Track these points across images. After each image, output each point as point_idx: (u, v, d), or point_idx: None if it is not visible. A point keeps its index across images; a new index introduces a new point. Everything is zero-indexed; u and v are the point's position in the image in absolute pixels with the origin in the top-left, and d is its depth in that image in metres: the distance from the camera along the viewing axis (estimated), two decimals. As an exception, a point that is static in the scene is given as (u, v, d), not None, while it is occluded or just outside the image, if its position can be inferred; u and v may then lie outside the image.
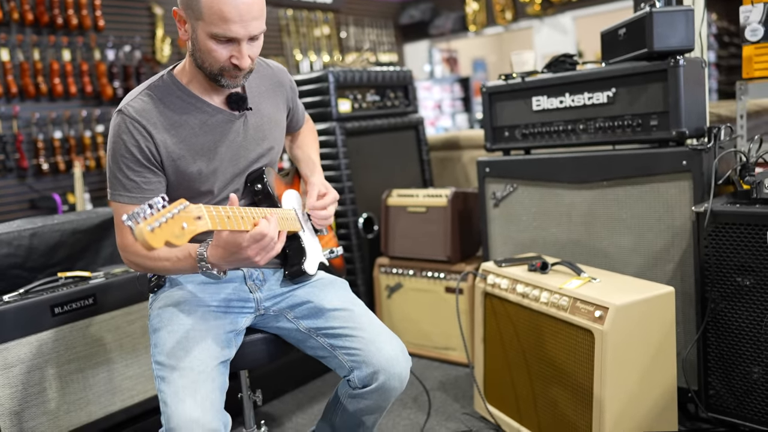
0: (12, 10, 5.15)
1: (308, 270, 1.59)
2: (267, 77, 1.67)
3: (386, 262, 2.93)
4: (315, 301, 1.57)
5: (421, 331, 2.86)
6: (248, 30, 1.35)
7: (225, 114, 1.53)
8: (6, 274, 2.13)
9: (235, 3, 1.32)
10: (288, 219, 1.54)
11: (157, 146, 1.43)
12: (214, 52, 1.37)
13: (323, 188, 1.69)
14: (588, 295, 1.79)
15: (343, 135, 2.90)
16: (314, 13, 7.76)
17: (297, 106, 1.82)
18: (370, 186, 3.05)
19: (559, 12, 7.49)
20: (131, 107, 1.43)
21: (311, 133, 1.95)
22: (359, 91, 3.08)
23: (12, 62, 5.20)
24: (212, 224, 1.16)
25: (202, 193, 1.53)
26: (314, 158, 1.84)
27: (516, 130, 2.43)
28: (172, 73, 1.52)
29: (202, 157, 1.49)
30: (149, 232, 0.99)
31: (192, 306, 1.47)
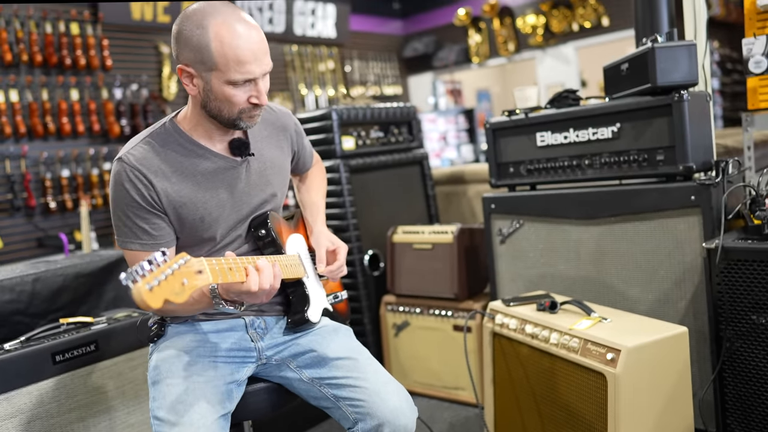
0: (21, 52, 5.24)
1: (312, 318, 1.56)
2: (270, 122, 1.66)
3: (393, 300, 2.89)
4: (318, 350, 1.53)
5: (429, 370, 2.81)
6: (263, 67, 1.38)
7: (227, 160, 1.52)
8: (8, 321, 2.11)
9: (249, 45, 1.34)
10: (291, 266, 1.52)
11: (159, 194, 1.42)
12: (234, 98, 1.38)
13: (330, 243, 1.66)
14: (599, 336, 1.74)
15: (347, 172, 2.89)
16: (319, 48, 7.85)
17: (303, 148, 1.81)
18: (376, 223, 3.03)
19: (561, 42, 7.55)
20: (131, 155, 1.42)
21: (319, 174, 1.94)
22: (363, 127, 3.08)
23: (21, 103, 5.27)
24: (213, 278, 1.14)
25: (205, 240, 1.51)
26: (319, 203, 1.82)
27: (521, 166, 2.41)
28: (174, 121, 1.51)
29: (204, 205, 1.47)
30: (148, 291, 0.97)
31: (192, 357, 1.44)
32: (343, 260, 1.64)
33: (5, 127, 5.14)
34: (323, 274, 1.67)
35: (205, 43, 1.33)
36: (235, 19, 1.35)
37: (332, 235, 1.72)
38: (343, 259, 1.64)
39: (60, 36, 5.45)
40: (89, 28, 5.63)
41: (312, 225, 1.76)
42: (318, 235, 1.70)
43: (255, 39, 1.35)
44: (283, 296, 1.62)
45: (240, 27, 1.34)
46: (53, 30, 5.40)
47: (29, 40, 5.29)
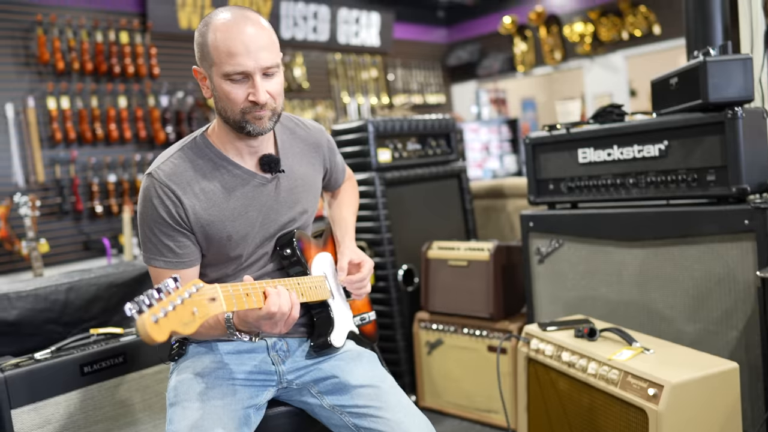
0: (73, 60, 5.38)
1: (335, 342, 1.51)
2: (302, 138, 1.62)
3: (426, 317, 2.82)
4: (340, 376, 1.48)
5: (462, 391, 2.72)
6: (258, 61, 1.33)
7: (257, 177, 1.48)
8: (42, 330, 2.12)
9: (241, 37, 1.32)
10: (316, 287, 1.47)
11: (186, 212, 1.39)
12: (231, 94, 1.35)
13: (356, 257, 1.62)
14: (640, 369, 1.64)
15: (382, 185, 2.84)
16: (362, 56, 7.85)
17: (336, 165, 1.77)
18: (411, 237, 2.97)
19: (609, 51, 7.34)
20: (161, 171, 1.40)
21: (351, 190, 1.89)
22: (400, 139, 3.02)
23: (72, 109, 5.41)
24: (227, 305, 1.10)
25: (232, 258, 1.48)
26: (349, 220, 1.77)
27: (561, 183, 2.32)
28: (204, 135, 1.49)
29: (232, 223, 1.44)
30: (153, 323, 0.92)
31: (211, 379, 1.41)
32: (366, 275, 1.59)
33: (56, 132, 5.28)
34: (349, 293, 1.62)
35: (205, 39, 1.35)
36: (238, 16, 1.35)
37: (360, 251, 1.68)
38: (366, 273, 1.59)
39: (110, 45, 5.58)
40: (138, 37, 5.76)
41: (340, 241, 1.71)
42: (347, 248, 1.67)
43: (250, 33, 1.33)
44: (308, 318, 1.57)
45: (238, 22, 1.33)
46: (104, 39, 5.54)
47: (81, 49, 5.43)
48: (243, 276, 1.48)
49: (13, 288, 2.08)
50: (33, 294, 2.10)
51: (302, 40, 7.14)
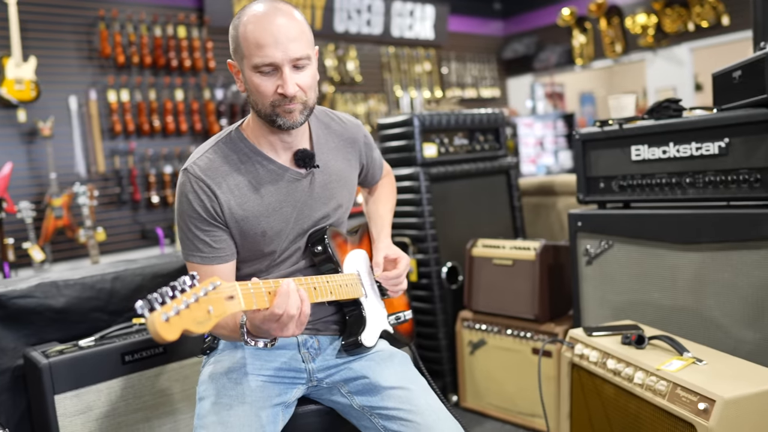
0: (133, 54, 5.53)
1: (366, 342, 1.48)
2: (337, 133, 1.60)
3: (469, 317, 2.76)
4: (371, 376, 1.44)
5: (505, 394, 2.65)
6: (287, 53, 1.31)
7: (291, 172, 1.46)
8: (88, 317, 2.18)
9: (268, 26, 1.30)
10: (347, 285, 1.44)
11: (221, 206, 1.39)
12: (261, 87, 1.33)
13: (392, 253, 1.59)
14: (691, 381, 1.54)
15: (427, 181, 2.79)
16: (416, 49, 7.79)
17: (373, 161, 1.73)
18: (456, 234, 2.91)
19: (674, 43, 7.03)
20: (197, 166, 1.40)
21: (388, 186, 1.86)
22: (446, 134, 2.96)
23: (131, 102, 5.57)
24: (247, 303, 1.08)
25: (266, 254, 1.47)
26: (385, 216, 1.74)
27: (612, 182, 2.21)
28: (239, 129, 1.48)
29: (266, 218, 1.43)
30: (163, 322, 0.90)
31: (240, 375, 1.40)
32: (402, 271, 1.56)
33: (116, 125, 5.45)
34: (384, 291, 1.58)
35: (237, 32, 1.34)
36: (269, 8, 1.33)
37: (396, 247, 1.64)
38: (402, 270, 1.56)
39: (168, 39, 5.72)
40: (195, 31, 5.87)
41: (376, 237, 1.68)
42: (382, 243, 1.64)
43: (279, 24, 1.30)
44: (340, 315, 1.55)
45: (268, 13, 1.32)
46: (162, 33, 5.67)
47: (140, 43, 5.58)
48: (276, 272, 1.47)
49: (61, 276, 2.14)
50: (80, 282, 2.15)
51: (356, 34, 7.13)
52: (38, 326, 2.07)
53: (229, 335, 1.34)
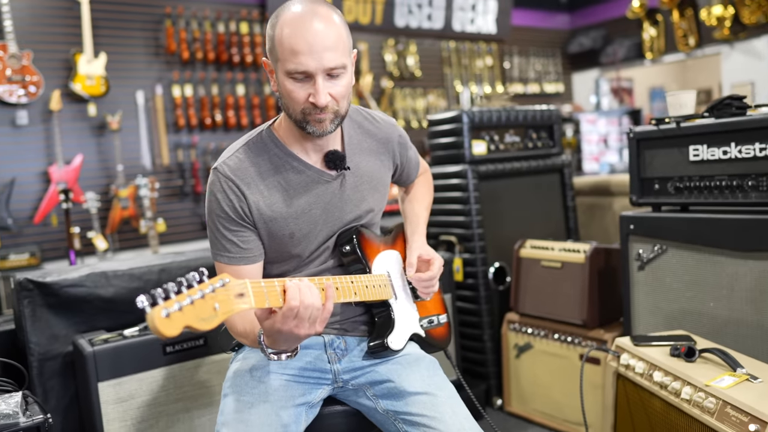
0: (197, 50, 5.68)
1: (392, 345, 1.44)
2: (371, 133, 1.56)
3: (516, 319, 2.68)
4: (396, 381, 1.41)
5: (551, 400, 2.56)
6: (321, 62, 1.26)
7: (322, 174, 1.44)
8: (135, 307, 2.23)
9: (304, 34, 1.26)
10: (374, 287, 1.41)
11: (250, 207, 1.38)
12: (293, 93, 1.30)
13: (425, 253, 1.54)
14: (742, 400, 1.43)
15: (475, 179, 2.73)
16: (477, 44, 7.66)
17: (408, 160, 1.69)
18: (505, 234, 2.83)
19: (753, 36, 6.63)
20: (226, 165, 1.39)
21: (425, 185, 1.81)
22: (497, 131, 2.89)
23: (194, 97, 5.73)
24: (257, 302, 1.06)
25: (293, 255, 1.46)
26: (420, 215, 1.70)
27: (668, 183, 2.09)
28: (270, 129, 1.46)
29: (295, 220, 1.41)
30: (162, 318, 0.89)
31: (263, 373, 1.39)
32: (435, 273, 1.51)
33: (179, 119, 5.62)
34: (415, 289, 1.54)
35: (273, 32, 1.31)
36: (307, 11, 1.28)
37: (430, 248, 1.60)
38: (435, 271, 1.52)
39: (231, 35, 5.84)
40: (257, 27, 5.97)
41: (410, 237, 1.64)
42: (416, 243, 1.60)
43: (316, 31, 1.26)
44: (369, 316, 1.52)
45: (305, 18, 1.27)
46: (225, 29, 5.79)
47: (204, 39, 5.72)
48: (305, 272, 1.46)
49: (111, 267, 2.21)
50: (128, 273, 2.21)
51: (416, 28, 7.08)
52: (88, 314, 2.14)
53: (252, 345, 1.34)
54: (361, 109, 1.59)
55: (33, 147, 5.07)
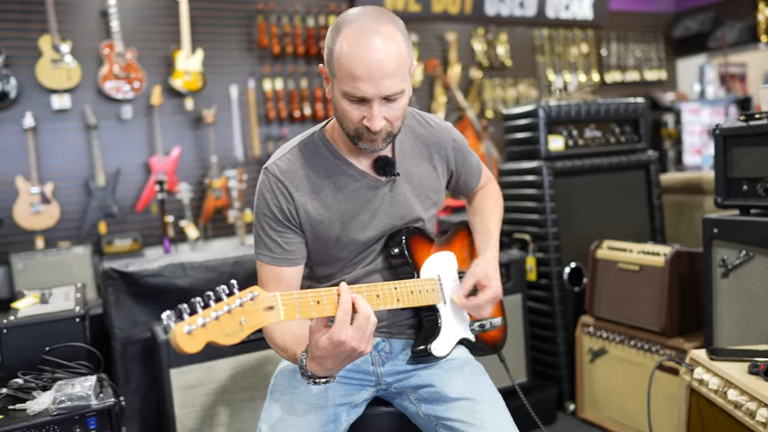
0: (287, 45, 5.84)
1: (436, 352, 1.42)
2: (423, 138, 1.51)
3: (591, 322, 2.57)
4: (437, 386, 1.39)
5: (624, 409, 2.44)
6: (379, 90, 1.23)
7: (371, 179, 1.42)
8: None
9: (365, 60, 1.21)
10: (420, 291, 1.38)
11: (298, 209, 1.38)
12: (348, 113, 1.28)
13: (484, 278, 1.46)
14: (821, 428, 1.30)
15: (551, 175, 2.63)
16: (572, 30, 7.37)
17: (467, 167, 1.62)
18: (582, 233, 2.72)
19: None
20: (277, 167, 1.40)
21: (491, 197, 1.72)
22: (576, 126, 2.77)
23: (284, 90, 5.90)
24: (287, 314, 1.06)
25: (337, 258, 1.45)
26: (493, 230, 1.61)
27: (758, 184, 1.92)
28: (322, 131, 1.45)
29: (342, 225, 1.41)
30: (184, 335, 0.89)
31: (309, 375, 1.42)
32: (484, 302, 1.44)
33: (270, 112, 5.81)
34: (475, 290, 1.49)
35: (332, 47, 1.27)
36: (371, 29, 1.22)
37: (495, 272, 1.50)
38: (484, 301, 1.44)
39: (320, 29, 5.95)
40: (344, 20, 6.04)
41: (482, 251, 1.56)
42: (482, 262, 1.50)
43: (378, 56, 1.21)
44: (417, 319, 1.50)
45: (368, 38, 1.21)
46: (314, 23, 5.91)
47: (294, 34, 5.87)
48: (350, 273, 1.46)
49: (188, 258, 2.32)
50: (204, 265, 2.32)
51: (508, 16, 6.90)
52: (165, 303, 2.27)
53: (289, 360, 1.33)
54: (416, 113, 1.55)
55: (136, 140, 5.42)
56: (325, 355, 1.14)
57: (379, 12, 1.26)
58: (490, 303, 1.45)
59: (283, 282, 1.40)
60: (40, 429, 1.51)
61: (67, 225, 5.14)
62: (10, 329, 1.89)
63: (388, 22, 1.25)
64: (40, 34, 4.97)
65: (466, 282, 1.46)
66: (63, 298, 2.19)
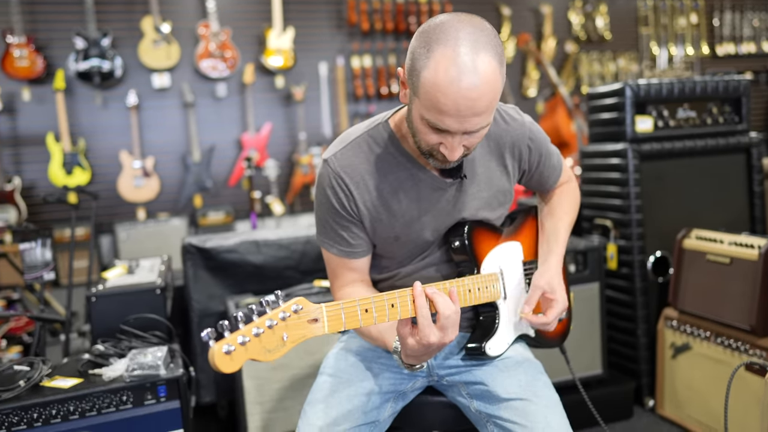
0: (376, 21, 5.84)
1: (490, 352, 1.37)
2: (495, 136, 1.40)
3: (674, 316, 2.42)
4: (490, 385, 1.35)
5: (708, 410, 2.29)
6: (464, 126, 1.13)
7: (436, 180, 1.35)
8: (282, 275, 2.42)
9: (456, 98, 1.08)
10: (478, 289, 1.33)
11: (358, 207, 1.34)
12: (425, 135, 1.18)
13: (549, 291, 1.39)
14: None
15: (636, 159, 2.48)
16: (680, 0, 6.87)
17: (544, 164, 1.51)
18: (669, 221, 2.55)
19: None
20: (337, 160, 1.34)
21: (568, 197, 1.60)
22: (667, 106, 2.58)
23: (372, 67, 5.91)
24: (331, 327, 1.05)
25: (394, 255, 1.42)
26: (561, 233, 1.52)
27: None
28: (387, 124, 1.37)
29: (402, 225, 1.36)
30: (223, 355, 0.88)
31: (358, 359, 1.42)
32: (552, 318, 1.38)
33: (358, 89, 5.85)
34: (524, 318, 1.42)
35: (420, 67, 1.12)
36: (467, 62, 1.08)
37: (560, 283, 1.42)
38: (553, 317, 1.38)
39: (409, 4, 5.89)
40: (435, -5, 5.95)
41: (545, 257, 1.49)
42: (546, 272, 1.43)
43: (471, 95, 1.08)
44: (474, 313, 1.45)
45: (463, 76, 1.07)
46: (404, -1, 5.86)
47: (383, 10, 5.85)
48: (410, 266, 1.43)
49: (261, 236, 2.39)
50: (276, 243, 2.39)
51: (608, -14, 6.55)
52: (239, 278, 2.36)
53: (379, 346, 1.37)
54: None
55: (229, 117, 5.63)
56: (417, 354, 1.19)
57: (477, 33, 1.11)
58: (554, 319, 1.39)
59: (356, 272, 1.41)
60: (115, 394, 1.62)
61: (166, 198, 5.46)
62: (98, 298, 2.03)
63: (487, 50, 1.10)
64: (142, 15, 5.24)
65: (531, 296, 1.40)
66: (148, 270, 2.33)
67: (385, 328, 1.29)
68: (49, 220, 5.05)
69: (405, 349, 1.19)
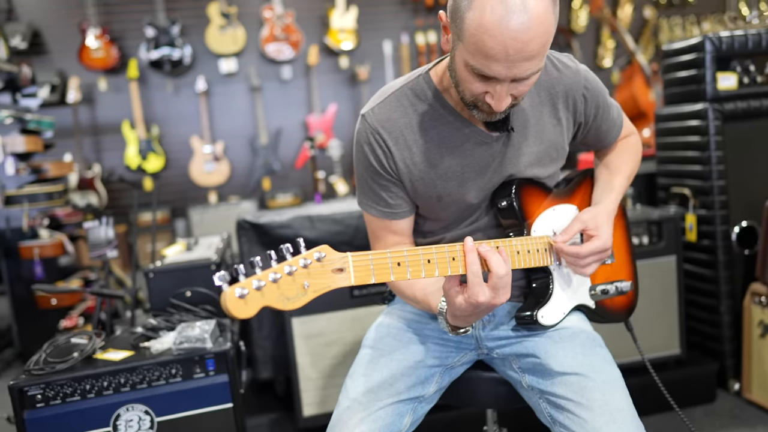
0: (440, -5, 5.68)
1: (543, 321, 1.26)
2: (547, 85, 1.29)
3: (763, 291, 2.19)
4: (542, 357, 1.24)
5: (803, 394, 2.07)
6: (513, 72, 1.03)
7: (481, 134, 1.25)
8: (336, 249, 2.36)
9: (505, 40, 0.99)
10: (530, 251, 1.21)
11: (397, 164, 1.26)
12: (470, 84, 1.09)
13: (593, 226, 1.25)
14: None
15: (718, 120, 2.26)
16: (774, -47, 6.29)
17: (602, 120, 1.38)
18: (756, 187, 2.31)
19: None
20: (374, 114, 1.26)
21: (627, 152, 1.46)
22: (754, 60, 2.33)
23: (437, 44, 5.77)
24: (358, 278, 0.97)
25: (438, 217, 1.33)
26: (616, 185, 1.38)
27: None
28: (429, 76, 1.28)
29: (444, 184, 1.27)
30: (236, 298, 0.83)
31: (402, 331, 1.34)
32: (587, 252, 1.22)
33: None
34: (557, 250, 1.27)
35: (464, 7, 1.02)
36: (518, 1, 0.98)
37: (608, 224, 1.27)
38: (588, 251, 1.22)
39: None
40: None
41: (598, 201, 1.36)
42: (594, 209, 1.30)
43: (522, 37, 0.99)
44: (527, 281, 1.34)
45: (512, 16, 0.98)
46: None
47: (447, -17, 5.69)
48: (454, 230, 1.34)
49: (315, 211, 2.35)
50: (330, 218, 2.34)
51: (691, -57, 6.10)
52: (293, 254, 2.33)
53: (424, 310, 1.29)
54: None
55: (295, 99, 5.65)
56: (464, 315, 1.10)
57: None
58: (593, 256, 1.23)
59: (398, 234, 1.33)
60: (164, 366, 1.62)
61: (236, 181, 5.56)
62: (156, 274, 2.05)
63: None
64: (209, 1, 5.32)
65: (571, 227, 1.26)
66: (206, 247, 2.34)
67: (432, 291, 1.21)
68: (126, 205, 5.25)
69: (452, 309, 1.10)
